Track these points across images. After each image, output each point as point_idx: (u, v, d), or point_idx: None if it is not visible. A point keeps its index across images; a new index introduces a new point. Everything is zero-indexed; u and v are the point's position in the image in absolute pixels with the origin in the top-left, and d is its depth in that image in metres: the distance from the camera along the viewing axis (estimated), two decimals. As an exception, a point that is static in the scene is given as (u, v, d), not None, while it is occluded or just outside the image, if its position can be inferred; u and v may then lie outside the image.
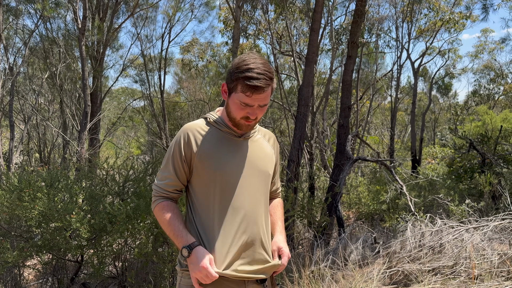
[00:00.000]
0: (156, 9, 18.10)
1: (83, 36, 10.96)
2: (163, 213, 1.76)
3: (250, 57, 1.66)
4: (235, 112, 1.70)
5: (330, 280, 3.95)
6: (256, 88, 1.62)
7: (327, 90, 15.44)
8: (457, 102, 28.43)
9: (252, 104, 1.67)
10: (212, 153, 1.73)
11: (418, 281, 3.98)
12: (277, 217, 1.99)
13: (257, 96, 1.65)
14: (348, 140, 7.86)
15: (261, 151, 1.84)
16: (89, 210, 4.53)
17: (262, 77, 1.62)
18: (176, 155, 1.76)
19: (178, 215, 1.76)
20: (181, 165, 1.76)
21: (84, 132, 11.24)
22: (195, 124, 1.79)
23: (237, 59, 1.69)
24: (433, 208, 7.29)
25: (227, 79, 1.72)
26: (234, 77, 1.66)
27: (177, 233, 1.71)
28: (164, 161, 1.81)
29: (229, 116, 1.74)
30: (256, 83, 1.61)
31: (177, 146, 1.76)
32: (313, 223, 7.03)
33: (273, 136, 1.96)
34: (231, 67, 1.70)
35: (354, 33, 8.18)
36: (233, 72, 1.67)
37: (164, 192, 1.79)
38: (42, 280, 5.78)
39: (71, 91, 15.94)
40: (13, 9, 13.72)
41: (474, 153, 7.82)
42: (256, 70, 1.63)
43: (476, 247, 4.30)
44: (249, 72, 1.62)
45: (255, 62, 1.64)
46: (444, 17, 16.20)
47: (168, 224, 1.74)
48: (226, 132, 1.78)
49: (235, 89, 1.67)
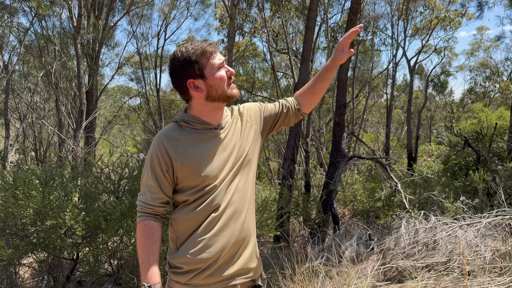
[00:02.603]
0: (151, 7, 18.08)
1: (78, 34, 10.92)
2: (142, 235, 1.69)
3: (184, 47, 1.72)
4: (220, 83, 1.70)
5: (324, 277, 3.97)
6: (211, 46, 1.69)
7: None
8: (453, 99, 28.56)
9: (221, 61, 1.72)
10: (193, 155, 1.70)
11: (412, 278, 4.01)
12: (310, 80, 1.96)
13: (217, 54, 1.71)
14: (344, 138, 7.88)
15: (239, 137, 1.80)
16: (84, 208, 4.54)
17: (204, 41, 1.72)
18: (156, 167, 1.70)
19: (155, 241, 1.68)
20: (163, 176, 1.70)
21: (79, 130, 11.21)
22: (168, 130, 1.74)
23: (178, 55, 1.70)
24: (428, 205, 7.33)
25: (186, 74, 1.70)
26: (194, 60, 1.67)
27: (145, 264, 1.65)
28: (144, 175, 1.74)
29: (217, 95, 1.71)
30: (207, 44, 1.70)
31: (155, 157, 1.70)
32: (309, 220, 7.06)
33: (239, 106, 1.91)
34: (179, 64, 1.70)
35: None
36: (189, 60, 1.68)
37: (149, 207, 1.72)
38: (38, 278, 5.78)
39: (66, 89, 15.89)
40: (8, 7, 13.65)
41: (469, 151, 7.86)
42: (196, 43, 1.70)
43: (470, 243, 4.33)
44: (197, 46, 1.69)
45: (190, 43, 1.72)
46: (439, 15, 16.24)
47: (141, 250, 1.67)
48: (202, 129, 1.74)
49: (203, 66, 1.68)
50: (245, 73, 20.70)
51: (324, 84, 1.91)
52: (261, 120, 1.90)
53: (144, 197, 1.72)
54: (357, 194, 10.27)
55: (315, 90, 1.93)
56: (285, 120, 1.95)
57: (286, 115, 1.94)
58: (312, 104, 1.97)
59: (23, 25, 15.56)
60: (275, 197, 6.68)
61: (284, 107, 1.94)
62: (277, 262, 4.78)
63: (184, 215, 1.71)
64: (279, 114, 1.93)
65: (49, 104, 17.62)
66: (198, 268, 1.68)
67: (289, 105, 1.94)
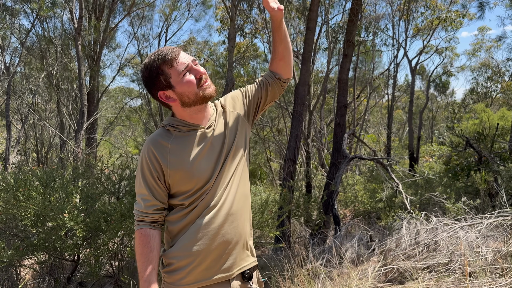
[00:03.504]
0: (152, 8, 18.06)
1: (79, 36, 10.94)
2: (139, 243, 1.66)
3: (147, 58, 1.67)
4: (189, 88, 1.64)
5: (325, 278, 3.95)
6: (172, 53, 1.62)
7: (324, 88, 15.45)
8: (455, 100, 28.51)
9: (187, 65, 1.64)
10: (183, 160, 1.67)
11: (413, 279, 4.00)
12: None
13: (182, 58, 1.64)
14: (345, 139, 7.87)
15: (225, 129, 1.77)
16: (85, 209, 4.54)
17: (165, 48, 1.65)
18: (147, 174, 1.68)
19: (152, 249, 1.66)
20: (155, 183, 1.68)
21: (81, 131, 11.22)
22: (156, 136, 1.71)
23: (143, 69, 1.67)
24: (429, 206, 7.31)
25: (155, 86, 1.66)
26: (157, 72, 1.63)
27: (143, 274, 1.63)
28: (137, 183, 1.72)
29: (192, 101, 1.66)
30: (167, 51, 1.63)
31: (146, 164, 1.68)
32: (309, 221, 7.05)
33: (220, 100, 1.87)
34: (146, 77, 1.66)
35: (350, 32, 8.19)
36: (152, 73, 1.64)
37: (144, 215, 1.69)
38: (39, 279, 5.78)
39: (68, 90, 15.90)
40: (9, 9, 13.69)
41: (471, 151, 7.84)
42: (156, 53, 1.65)
43: (471, 244, 4.32)
44: (157, 56, 1.63)
45: (152, 54, 1.67)
46: (440, 15, 16.22)
47: (139, 259, 1.65)
48: (188, 131, 1.71)
49: (167, 75, 1.63)
50: (246, 74, 20.71)
51: (283, 45, 1.84)
52: (244, 105, 1.86)
53: (139, 206, 1.71)
54: (358, 195, 10.25)
55: (280, 55, 1.87)
56: (268, 95, 1.90)
57: (267, 89, 1.89)
58: (286, 67, 1.90)
59: (24, 26, 15.60)
60: (274, 198, 6.67)
61: (262, 83, 1.89)
62: (278, 264, 4.77)
63: (179, 217, 1.70)
64: (260, 92, 1.88)
65: (51, 105, 17.64)
66: (189, 263, 1.65)
67: (265, 80, 1.90)
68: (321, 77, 17.70)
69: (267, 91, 1.89)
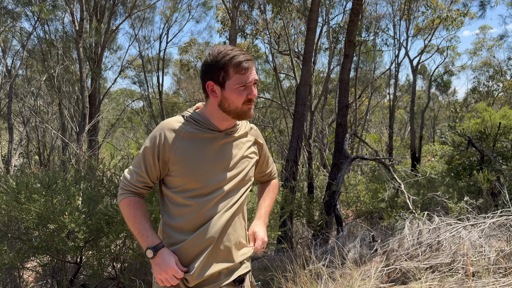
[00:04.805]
0: (153, 10, 18.10)
1: (80, 38, 10.95)
2: (129, 209, 1.70)
3: (224, 47, 1.67)
4: (236, 100, 1.66)
5: (327, 279, 3.94)
6: (248, 62, 1.64)
7: (325, 89, 15.44)
8: (456, 99, 28.46)
9: (249, 81, 1.66)
10: (190, 155, 1.67)
11: (416, 279, 3.98)
12: (264, 201, 2.02)
13: (251, 71, 1.66)
14: (346, 139, 7.85)
15: (240, 149, 1.79)
16: (87, 211, 4.53)
17: (245, 53, 1.66)
18: (149, 154, 1.69)
19: (145, 213, 1.71)
20: (153, 165, 1.69)
21: (82, 133, 11.23)
22: (172, 121, 1.72)
23: (213, 53, 1.66)
24: (432, 206, 7.29)
25: (211, 75, 1.67)
26: (222, 66, 1.64)
27: (143, 232, 1.67)
28: (137, 156, 1.75)
29: (229, 109, 1.68)
30: (244, 58, 1.64)
31: (152, 144, 1.69)
32: (312, 222, 7.04)
33: (253, 126, 1.92)
34: (209, 62, 1.66)
35: (351, 32, 8.17)
36: (218, 63, 1.64)
37: (133, 186, 1.73)
38: (41, 282, 5.78)
39: (69, 93, 15.94)
40: (10, 12, 13.72)
41: (473, 151, 7.81)
42: (236, 50, 1.65)
43: (474, 244, 4.30)
44: (234, 54, 1.63)
45: (231, 47, 1.67)
46: (441, 14, 16.20)
47: (134, 221, 1.69)
48: (205, 129, 1.72)
49: (227, 76, 1.64)
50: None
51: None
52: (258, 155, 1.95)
53: (130, 177, 1.74)
54: (360, 195, 10.24)
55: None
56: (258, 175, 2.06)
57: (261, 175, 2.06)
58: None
59: (26, 29, 15.64)
60: (276, 198, 6.67)
61: (263, 176, 2.08)
62: (280, 265, 4.76)
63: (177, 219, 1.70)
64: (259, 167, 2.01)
65: (52, 107, 17.68)
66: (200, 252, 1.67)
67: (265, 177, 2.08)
68: (322, 77, 17.69)
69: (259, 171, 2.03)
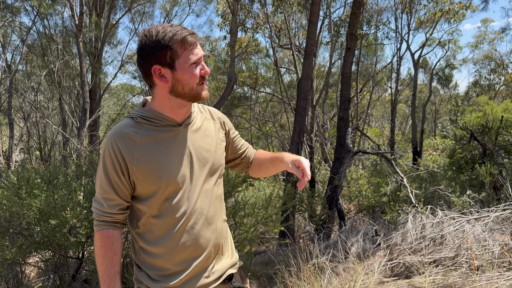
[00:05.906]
0: (153, 4, 18.01)
1: (80, 33, 10.90)
2: (100, 246, 1.53)
3: (161, 25, 1.49)
4: (191, 79, 1.47)
5: (331, 274, 3.93)
6: (193, 36, 1.47)
7: (327, 83, 15.39)
8: (458, 93, 28.39)
9: (200, 56, 1.48)
10: (152, 158, 1.50)
11: (420, 273, 3.96)
12: (267, 154, 1.85)
13: (198, 46, 1.49)
14: (348, 133, 7.82)
15: (206, 138, 1.63)
16: (88, 206, 4.52)
17: (185, 28, 1.49)
18: (110, 170, 1.50)
19: (115, 252, 1.53)
20: (119, 181, 1.50)
21: (83, 129, 11.21)
22: (122, 128, 1.51)
23: (150, 33, 1.46)
24: (434, 200, 7.28)
25: (155, 58, 1.45)
26: (167, 44, 1.44)
27: (105, 278, 1.51)
28: (98, 179, 1.54)
29: (183, 93, 1.49)
30: (188, 32, 1.46)
31: (109, 159, 1.49)
32: (314, 216, 7.03)
33: (210, 108, 1.74)
34: (149, 44, 1.45)
35: (353, 25, 8.12)
36: (160, 43, 1.44)
37: (107, 215, 1.53)
38: (43, 277, 5.78)
39: (70, 88, 15.90)
40: (10, 7, 13.66)
41: (475, 144, 7.78)
42: (176, 26, 1.48)
43: (477, 238, 4.29)
44: (176, 30, 1.45)
45: (168, 24, 1.50)
46: (443, 7, 16.10)
47: (101, 263, 1.52)
48: (163, 126, 1.53)
49: (176, 54, 1.45)
50: (248, 69, 20.65)
51: (269, 171, 1.85)
52: (228, 137, 1.77)
53: (99, 204, 1.54)
54: (363, 189, 10.22)
55: (263, 167, 1.86)
56: (233, 161, 1.84)
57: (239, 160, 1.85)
58: (254, 173, 1.90)
59: (25, 24, 15.59)
60: (278, 193, 6.65)
61: (240, 149, 1.84)
62: (283, 259, 4.74)
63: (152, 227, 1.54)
64: (232, 150, 1.81)
65: (53, 103, 17.66)
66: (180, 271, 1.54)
67: (247, 158, 1.86)
68: (323, 71, 17.64)
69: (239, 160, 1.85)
